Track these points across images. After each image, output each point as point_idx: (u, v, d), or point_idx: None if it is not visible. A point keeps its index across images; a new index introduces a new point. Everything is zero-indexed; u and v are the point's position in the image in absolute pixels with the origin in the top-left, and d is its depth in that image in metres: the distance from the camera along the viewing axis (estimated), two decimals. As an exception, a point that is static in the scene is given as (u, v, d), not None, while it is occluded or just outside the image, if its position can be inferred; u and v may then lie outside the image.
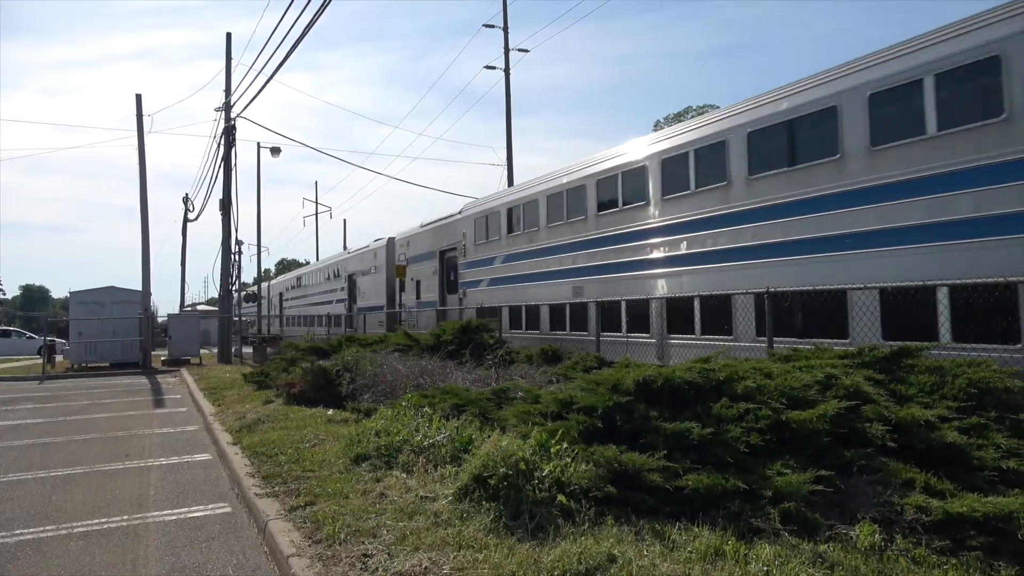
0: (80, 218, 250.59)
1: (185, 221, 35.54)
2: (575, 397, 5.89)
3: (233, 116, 23.44)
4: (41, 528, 5.60)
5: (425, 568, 3.93)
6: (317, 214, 51.42)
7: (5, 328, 41.28)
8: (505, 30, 26.03)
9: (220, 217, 24.21)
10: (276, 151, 33.74)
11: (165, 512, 5.96)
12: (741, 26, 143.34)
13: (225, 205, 23.96)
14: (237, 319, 28.35)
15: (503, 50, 26.07)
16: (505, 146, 26.18)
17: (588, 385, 6.06)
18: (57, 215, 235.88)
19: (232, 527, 5.53)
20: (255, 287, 49.63)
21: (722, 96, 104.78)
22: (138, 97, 23.91)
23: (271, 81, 24.39)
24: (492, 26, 26.30)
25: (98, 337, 23.23)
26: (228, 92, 24.00)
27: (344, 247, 46.80)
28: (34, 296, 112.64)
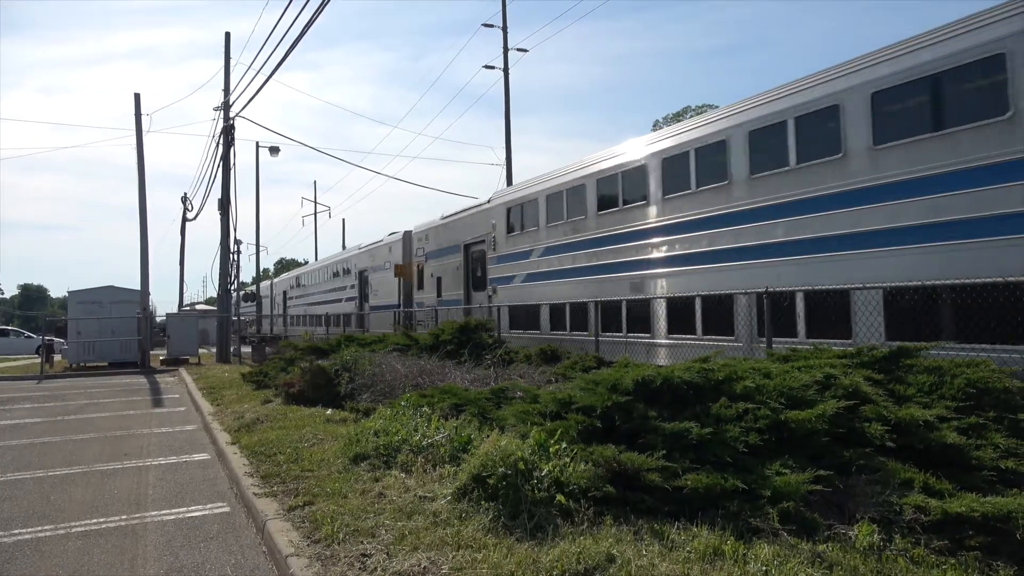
0: (78, 217, 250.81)
1: (184, 220, 35.47)
2: (574, 397, 5.89)
3: (232, 115, 23.43)
4: (39, 528, 5.59)
5: (424, 568, 3.93)
6: (316, 213, 51.44)
7: (3, 327, 41.25)
8: (504, 29, 26.08)
9: (219, 216, 24.22)
10: (275, 150, 33.77)
11: (163, 512, 5.95)
12: (740, 26, 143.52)
13: (224, 204, 23.94)
14: (236, 319, 28.28)
15: (502, 49, 26.14)
16: (504, 145, 26.30)
17: (587, 385, 6.06)
18: (55, 214, 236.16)
19: (230, 527, 5.52)
20: (254, 287, 49.49)
21: (721, 96, 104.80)
22: (136, 96, 23.96)
23: (270, 80, 24.33)
24: (491, 25, 26.37)
25: (96, 336, 23.21)
26: (227, 91, 23.98)
27: (343, 246, 46.66)
28: (32, 295, 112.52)
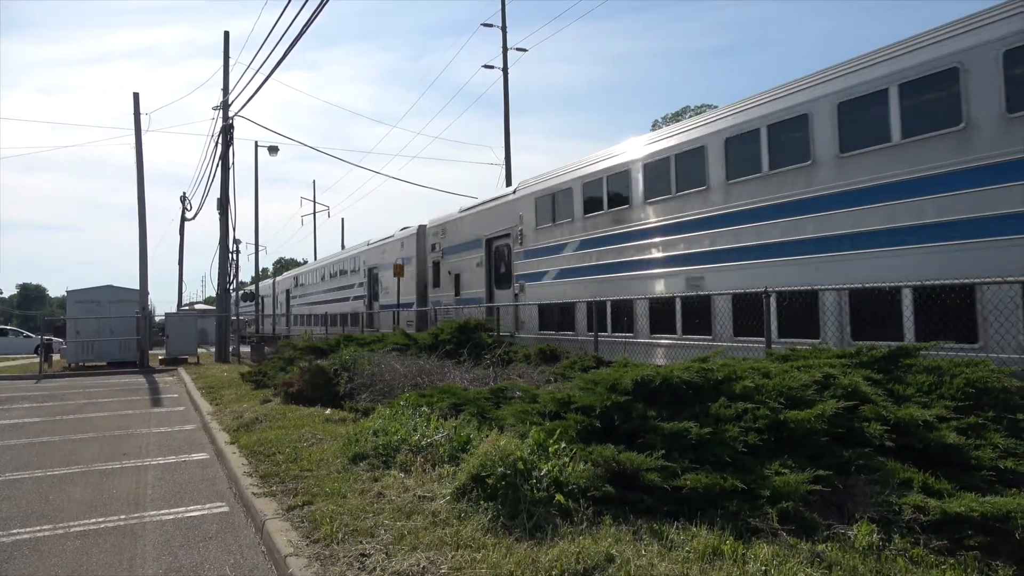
0: (77, 217, 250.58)
1: (183, 220, 35.45)
2: (573, 396, 5.89)
3: (231, 115, 23.42)
4: (38, 527, 5.59)
5: (423, 568, 3.93)
6: (315, 213, 51.47)
7: (2, 327, 41.24)
8: (503, 29, 26.07)
9: (218, 216, 24.20)
10: (274, 150, 33.70)
11: (162, 511, 5.95)
12: (740, 26, 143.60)
13: (223, 204, 23.93)
14: (235, 318, 28.26)
15: (501, 49, 26.13)
16: (503, 145, 26.30)
17: (586, 384, 6.06)
18: (54, 214, 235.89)
19: (229, 526, 5.52)
20: (252, 286, 49.40)
21: (721, 96, 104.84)
22: (135, 95, 23.93)
23: (269, 80, 24.26)
24: (490, 25, 26.35)
25: (95, 336, 23.19)
26: (226, 91, 23.96)
27: (342, 246, 46.59)
28: (31, 295, 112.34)
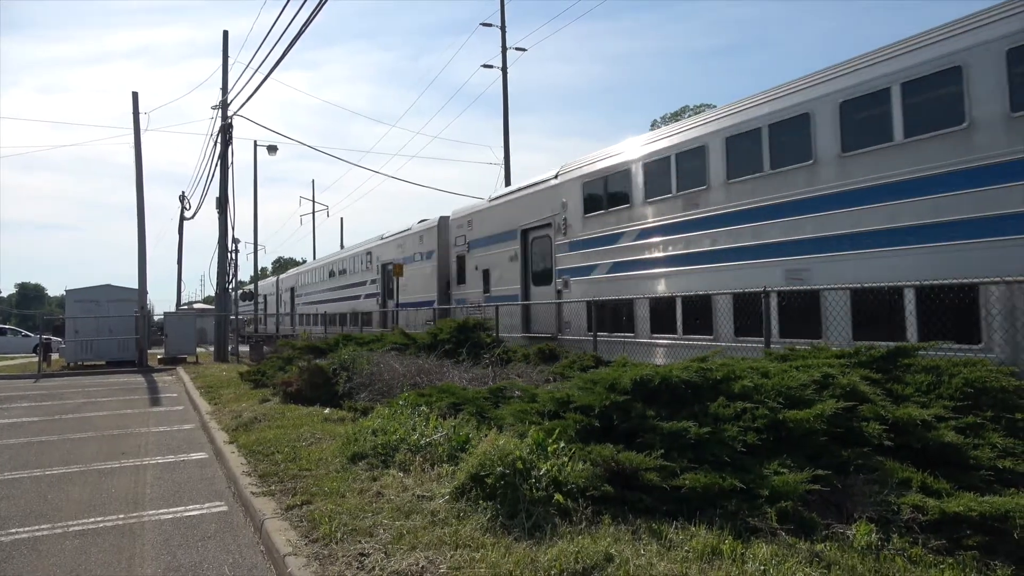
0: (76, 216, 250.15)
1: (181, 219, 35.45)
2: (572, 396, 5.88)
3: (230, 114, 23.39)
4: (37, 527, 5.58)
5: (422, 567, 3.93)
6: (314, 212, 51.42)
7: (1, 326, 41.19)
8: (503, 29, 26.07)
9: (217, 215, 24.17)
10: (273, 149, 33.73)
11: (161, 511, 5.95)
12: (740, 26, 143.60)
13: (222, 203, 23.91)
14: (234, 318, 28.24)
15: (500, 49, 26.14)
16: (503, 144, 26.32)
17: (585, 384, 6.06)
18: (53, 213, 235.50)
19: (228, 526, 5.51)
20: (251, 285, 49.35)
21: (720, 96, 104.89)
22: (135, 95, 23.91)
23: (268, 79, 24.30)
24: (490, 25, 26.36)
25: (94, 335, 23.18)
26: (225, 90, 23.95)
27: (341, 246, 46.54)
28: (30, 294, 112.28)
